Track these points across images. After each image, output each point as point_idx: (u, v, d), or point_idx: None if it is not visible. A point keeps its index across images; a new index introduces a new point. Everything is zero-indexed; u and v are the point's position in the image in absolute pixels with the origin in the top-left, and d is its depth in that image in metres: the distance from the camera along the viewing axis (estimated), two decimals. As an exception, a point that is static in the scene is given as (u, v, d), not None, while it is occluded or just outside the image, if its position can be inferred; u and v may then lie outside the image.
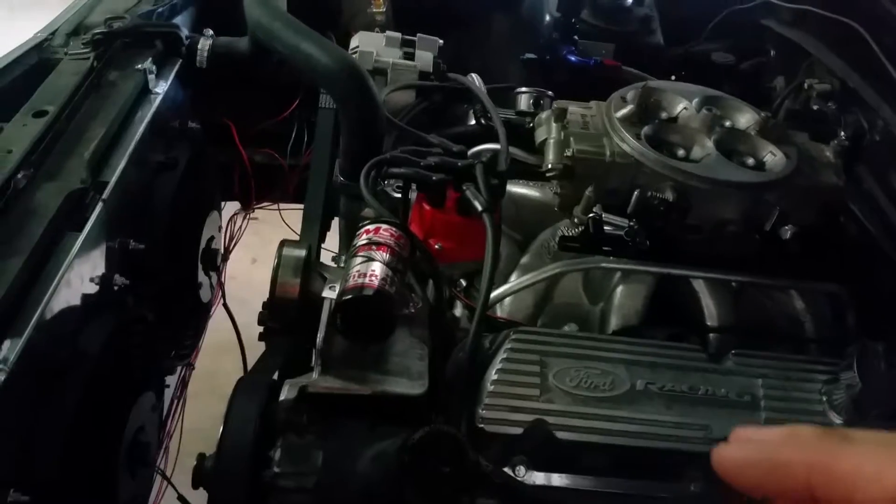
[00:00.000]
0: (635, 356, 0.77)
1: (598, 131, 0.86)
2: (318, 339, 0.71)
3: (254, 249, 2.01)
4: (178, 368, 1.31)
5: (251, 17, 0.99)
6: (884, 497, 0.29)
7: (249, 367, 0.87)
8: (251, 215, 1.61)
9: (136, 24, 1.10)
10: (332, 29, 1.38)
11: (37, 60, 1.10)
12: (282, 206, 1.49)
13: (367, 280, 0.71)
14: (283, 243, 0.83)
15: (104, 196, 0.88)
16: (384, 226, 0.78)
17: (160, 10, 1.22)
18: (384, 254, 0.75)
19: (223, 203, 1.54)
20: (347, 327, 0.71)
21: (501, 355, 0.75)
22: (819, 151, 0.90)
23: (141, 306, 0.95)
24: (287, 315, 0.81)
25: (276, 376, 0.77)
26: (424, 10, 1.41)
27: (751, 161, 0.86)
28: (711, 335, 0.89)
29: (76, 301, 0.82)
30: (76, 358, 0.80)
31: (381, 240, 0.76)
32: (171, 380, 1.28)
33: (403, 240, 0.78)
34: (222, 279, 1.53)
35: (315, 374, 0.71)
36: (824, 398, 0.75)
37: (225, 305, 1.25)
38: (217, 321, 1.45)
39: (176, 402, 1.35)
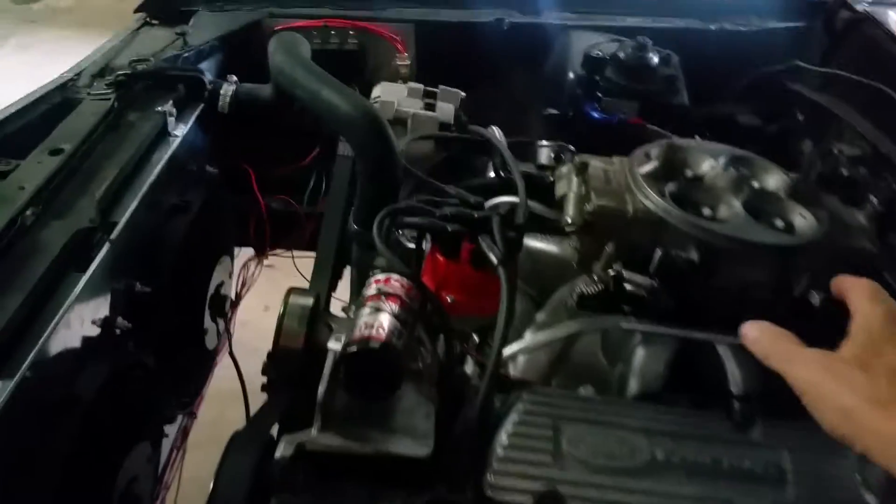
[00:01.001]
0: (656, 424, 0.72)
1: (620, 187, 0.83)
2: (319, 393, 0.67)
3: (267, 296, 1.98)
4: (179, 417, 1.27)
5: (274, 62, 1.00)
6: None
7: (252, 418, 0.84)
8: (265, 262, 1.59)
9: (159, 66, 1.11)
10: (358, 81, 1.39)
11: (60, 100, 1.12)
12: (296, 253, 1.48)
13: (374, 332, 0.67)
14: (291, 291, 0.80)
15: (112, 236, 0.86)
16: (395, 276, 0.75)
17: (186, 55, 1.24)
18: (394, 305, 0.71)
19: (238, 249, 1.53)
20: (351, 381, 0.67)
21: (513, 417, 0.70)
22: (851, 216, 0.86)
23: (142, 352, 0.92)
24: (290, 366, 0.78)
25: (275, 430, 0.73)
26: (449, 65, 1.41)
27: (780, 223, 0.83)
28: (736, 403, 0.84)
29: (74, 343, 0.80)
30: (69, 402, 0.77)
31: (391, 290, 0.73)
32: (171, 429, 1.24)
33: (414, 291, 0.75)
34: (231, 326, 1.50)
35: (314, 431, 0.67)
36: (857, 475, 0.69)
37: (231, 353, 1.22)
38: (223, 368, 1.41)
39: (175, 452, 1.30)
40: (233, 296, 1.50)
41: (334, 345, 0.74)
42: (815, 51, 1.43)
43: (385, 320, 0.69)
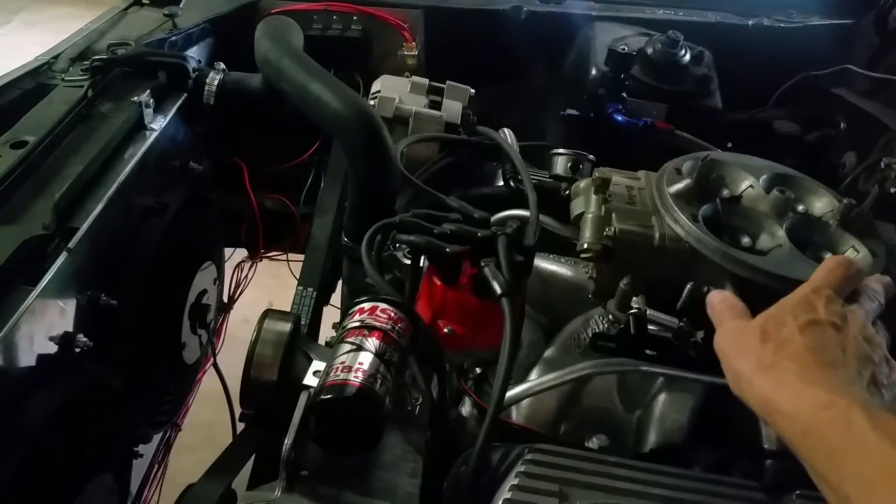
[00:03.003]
0: (675, 491, 0.61)
1: (645, 208, 0.72)
2: (284, 446, 0.57)
3: (272, 292, 1.91)
4: (162, 432, 1.18)
5: (259, 51, 0.89)
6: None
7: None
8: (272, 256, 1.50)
9: (139, 52, 1.01)
10: (361, 70, 1.29)
11: (34, 85, 1.02)
12: (291, 256, 1.38)
13: (351, 376, 0.58)
14: (267, 314, 0.70)
15: (71, 245, 0.77)
16: (382, 305, 0.65)
17: (173, 38, 1.14)
18: (377, 341, 0.61)
19: (233, 250, 1.44)
20: (323, 433, 0.58)
21: (512, 479, 0.60)
22: (911, 249, 0.75)
23: (106, 372, 0.82)
24: (262, 400, 0.68)
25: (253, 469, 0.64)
26: (459, 56, 1.30)
27: (829, 256, 0.72)
28: (769, 461, 0.73)
29: (22, 367, 0.70)
30: (12, 436, 0.68)
31: (376, 324, 0.63)
32: (150, 446, 1.15)
33: (404, 323, 0.65)
34: (223, 330, 1.42)
35: (278, 492, 0.57)
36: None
37: (215, 366, 1.13)
38: (221, 361, 1.32)
39: (157, 467, 1.22)
40: (225, 299, 1.41)
41: (311, 380, 0.64)
42: (863, 52, 1.30)
43: (366, 361, 0.59)
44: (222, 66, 1.09)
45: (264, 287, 1.65)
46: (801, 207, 0.76)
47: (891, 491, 0.42)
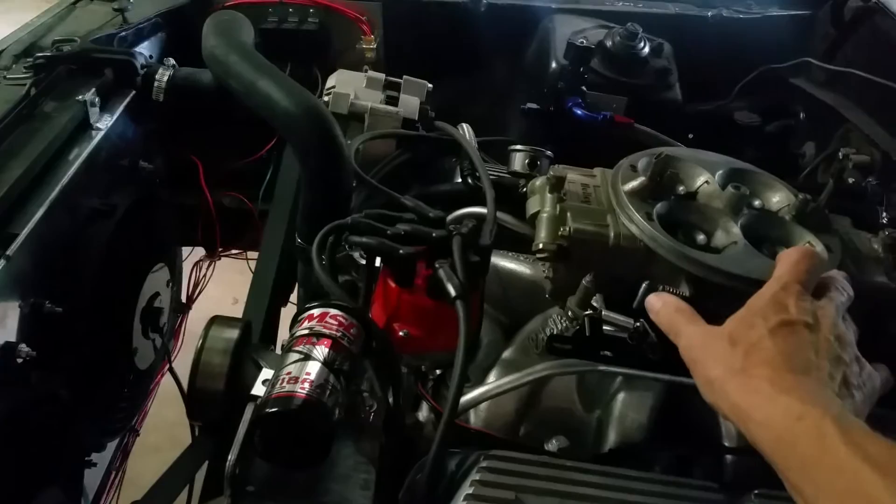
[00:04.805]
0: (633, 494, 0.61)
1: (601, 206, 0.71)
2: (228, 461, 0.55)
3: (236, 288, 1.88)
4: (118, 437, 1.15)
5: (206, 48, 0.86)
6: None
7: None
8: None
9: (84, 48, 0.97)
10: (319, 64, 1.26)
11: (-26, 82, 0.98)
12: (251, 254, 1.35)
13: (297, 387, 0.56)
14: (214, 321, 0.68)
15: (9, 252, 0.73)
16: (333, 311, 0.63)
17: (123, 34, 1.10)
18: (326, 349, 0.60)
19: (191, 248, 1.40)
20: (268, 448, 0.56)
21: (467, 488, 0.59)
22: (865, 244, 0.76)
23: (51, 382, 0.79)
24: (210, 411, 0.66)
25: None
26: (420, 50, 1.28)
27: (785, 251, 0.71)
28: (728, 457, 0.73)
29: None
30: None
31: (325, 331, 0.61)
32: (108, 449, 1.12)
33: (356, 329, 0.63)
34: (181, 331, 1.39)
35: (223, 508, 0.55)
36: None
37: (171, 370, 1.10)
38: (184, 364, 1.30)
39: (114, 474, 1.19)
40: (183, 299, 1.38)
41: (260, 390, 0.62)
42: (820, 42, 1.31)
43: (314, 371, 0.57)
44: (172, 61, 1.05)
45: (228, 283, 1.62)
46: (757, 202, 0.76)
47: None
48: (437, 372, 0.81)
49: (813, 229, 0.72)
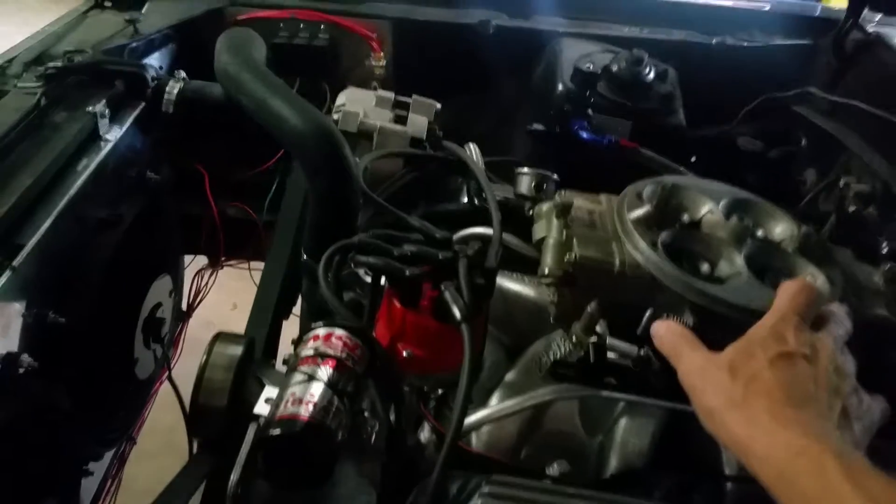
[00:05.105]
0: (635, 522, 0.61)
1: (606, 234, 0.72)
2: (230, 481, 0.55)
3: (236, 295, 1.88)
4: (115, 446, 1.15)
5: (219, 64, 0.87)
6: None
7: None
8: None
9: (95, 59, 0.98)
10: (328, 79, 1.27)
11: (-15, 89, 0.98)
12: (253, 264, 1.36)
13: (301, 409, 0.56)
14: (218, 337, 0.68)
15: (15, 262, 0.74)
16: (338, 332, 0.64)
17: (134, 45, 1.10)
18: (330, 370, 0.60)
19: (193, 256, 1.41)
20: (271, 469, 0.56)
21: (469, 513, 0.59)
22: (867, 276, 0.76)
23: (53, 392, 0.79)
24: (212, 427, 0.66)
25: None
26: (428, 68, 1.29)
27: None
28: (729, 485, 0.74)
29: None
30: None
31: (330, 351, 0.62)
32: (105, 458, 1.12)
33: (360, 350, 0.64)
34: (180, 340, 1.39)
35: (224, 528, 0.55)
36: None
37: (170, 380, 1.10)
38: (180, 368, 1.29)
39: (110, 482, 1.18)
40: (184, 307, 1.38)
41: (262, 408, 0.63)
42: (822, 72, 1.33)
43: (317, 392, 0.58)
44: (183, 74, 1.06)
45: (228, 290, 1.62)
46: (760, 232, 0.77)
47: None
48: (439, 392, 0.81)
49: (815, 261, 0.73)
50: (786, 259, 0.73)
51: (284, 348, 0.90)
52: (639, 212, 0.72)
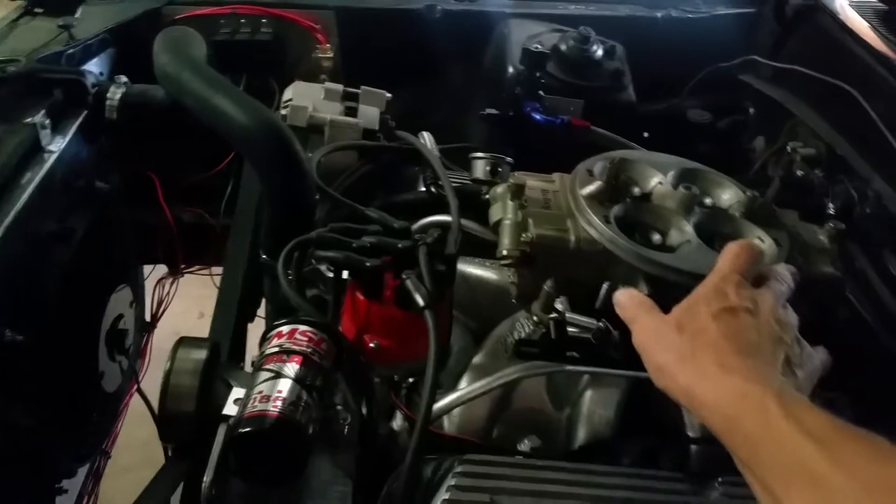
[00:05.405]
0: (604, 489, 0.63)
1: (560, 211, 0.73)
2: (204, 482, 0.56)
3: (201, 302, 1.86)
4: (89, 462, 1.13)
5: (158, 66, 0.85)
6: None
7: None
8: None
9: (30, 69, 0.95)
10: (276, 74, 1.25)
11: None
12: (214, 270, 1.34)
13: (270, 405, 0.56)
14: (181, 342, 0.68)
15: (-38, 282, 0.72)
16: (301, 327, 0.64)
17: (70, 51, 1.07)
18: (297, 366, 0.60)
19: (153, 266, 1.38)
20: (243, 467, 0.56)
21: (443, 494, 0.60)
22: (812, 235, 0.79)
23: (13, 411, 0.78)
24: (182, 432, 0.66)
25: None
26: (377, 57, 1.28)
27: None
28: (693, 447, 0.76)
29: None
30: None
31: (295, 347, 0.62)
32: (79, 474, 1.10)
33: (326, 344, 0.64)
34: (147, 350, 1.37)
35: (200, 531, 0.55)
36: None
37: (140, 391, 1.08)
38: (148, 380, 1.28)
39: (87, 498, 1.16)
40: (148, 318, 1.36)
41: (231, 409, 0.62)
42: (766, 39, 1.36)
43: (285, 388, 0.58)
44: (124, 78, 1.04)
45: (194, 298, 1.60)
46: (708, 201, 0.79)
47: (805, 481, 0.43)
48: (410, 380, 0.82)
49: (761, 224, 0.76)
50: (733, 224, 0.76)
51: (252, 352, 0.90)
52: (590, 188, 0.73)
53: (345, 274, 0.75)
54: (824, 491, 0.41)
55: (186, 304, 1.57)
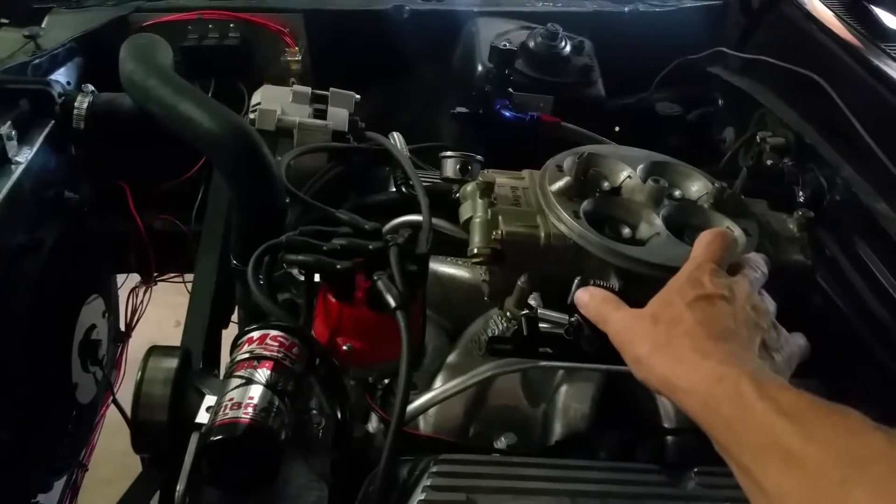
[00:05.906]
0: (581, 484, 0.63)
1: (531, 208, 0.73)
2: (177, 491, 0.55)
3: (177, 311, 1.85)
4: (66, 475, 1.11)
5: (123, 73, 0.85)
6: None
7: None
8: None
9: (-4, 79, 0.93)
10: (245, 79, 1.24)
11: None
12: (187, 277, 1.33)
13: (241, 412, 0.56)
14: (151, 351, 0.67)
15: (-74, 299, 0.71)
16: (272, 332, 0.64)
17: (36, 61, 1.06)
18: (268, 372, 0.60)
19: (126, 276, 1.37)
20: (216, 475, 0.56)
21: (419, 495, 0.60)
22: (781, 224, 0.80)
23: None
24: (156, 442, 0.65)
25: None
26: (346, 59, 1.28)
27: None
28: (669, 438, 0.76)
29: None
30: None
31: (265, 353, 0.61)
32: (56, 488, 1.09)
33: (298, 348, 0.64)
34: (123, 359, 1.35)
35: (174, 540, 0.55)
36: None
37: (115, 402, 1.07)
38: (124, 391, 1.26)
39: (64, 513, 1.15)
40: (122, 328, 1.34)
41: (204, 417, 0.62)
42: (733, 31, 1.37)
43: (256, 394, 0.58)
44: (91, 87, 1.02)
45: (169, 306, 1.59)
46: (677, 193, 0.79)
47: (780, 457, 0.43)
48: (385, 382, 0.82)
49: (731, 215, 0.76)
50: (702, 215, 0.76)
51: (227, 359, 0.89)
52: (560, 183, 0.74)
53: (316, 277, 0.74)
54: (799, 466, 0.41)
55: (162, 313, 1.56)
